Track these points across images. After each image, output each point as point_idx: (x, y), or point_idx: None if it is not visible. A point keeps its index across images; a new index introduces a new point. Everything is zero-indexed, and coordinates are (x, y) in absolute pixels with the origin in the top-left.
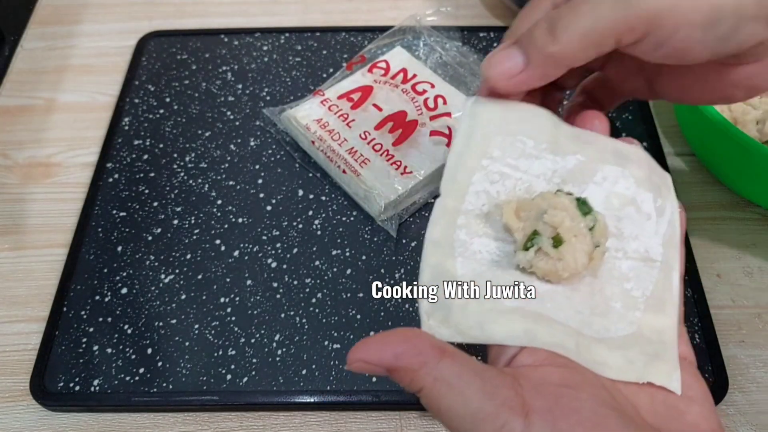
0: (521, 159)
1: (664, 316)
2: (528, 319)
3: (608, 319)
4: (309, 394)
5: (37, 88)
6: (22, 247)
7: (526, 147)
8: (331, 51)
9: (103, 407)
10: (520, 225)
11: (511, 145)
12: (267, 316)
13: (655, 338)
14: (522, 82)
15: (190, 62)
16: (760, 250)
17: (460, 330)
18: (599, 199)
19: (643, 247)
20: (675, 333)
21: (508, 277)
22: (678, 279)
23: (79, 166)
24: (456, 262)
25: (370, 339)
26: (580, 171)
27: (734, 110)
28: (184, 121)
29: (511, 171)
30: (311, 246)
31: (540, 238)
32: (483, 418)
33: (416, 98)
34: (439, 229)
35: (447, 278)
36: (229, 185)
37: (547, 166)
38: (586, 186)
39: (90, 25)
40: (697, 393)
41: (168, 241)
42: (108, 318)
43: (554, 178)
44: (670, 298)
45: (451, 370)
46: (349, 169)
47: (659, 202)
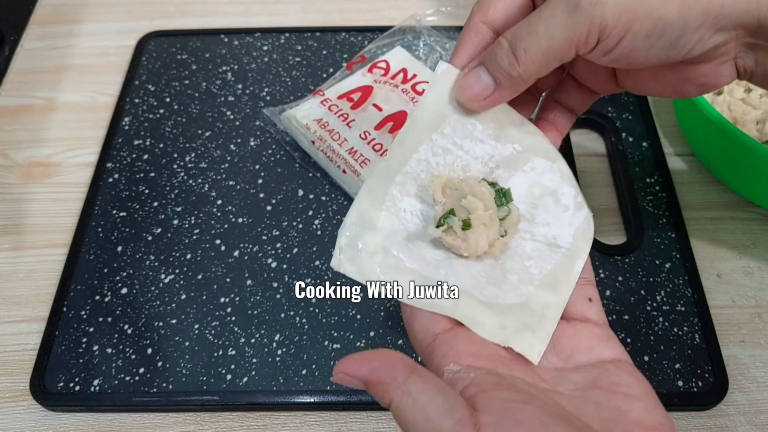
0: (466, 140)
1: (555, 295)
2: (419, 281)
3: (501, 289)
4: (309, 394)
5: (37, 87)
6: (22, 247)
7: (475, 130)
8: (331, 51)
9: (103, 407)
10: (443, 200)
11: (462, 126)
12: (267, 316)
13: (539, 312)
14: (495, 102)
15: (190, 62)
16: (760, 250)
17: (362, 273)
18: (523, 186)
19: (552, 233)
20: (559, 311)
21: (419, 241)
22: (580, 266)
23: (79, 166)
24: (380, 215)
25: (354, 355)
26: (513, 159)
27: (734, 110)
28: (184, 121)
29: (455, 149)
30: (311, 246)
31: (452, 219)
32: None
33: (416, 98)
34: (376, 181)
35: (368, 226)
36: (229, 185)
37: (487, 150)
38: (515, 173)
39: (90, 24)
40: (638, 390)
41: (168, 241)
42: (108, 318)
43: (490, 162)
44: (567, 281)
45: (417, 385)
46: (349, 169)
47: (580, 198)
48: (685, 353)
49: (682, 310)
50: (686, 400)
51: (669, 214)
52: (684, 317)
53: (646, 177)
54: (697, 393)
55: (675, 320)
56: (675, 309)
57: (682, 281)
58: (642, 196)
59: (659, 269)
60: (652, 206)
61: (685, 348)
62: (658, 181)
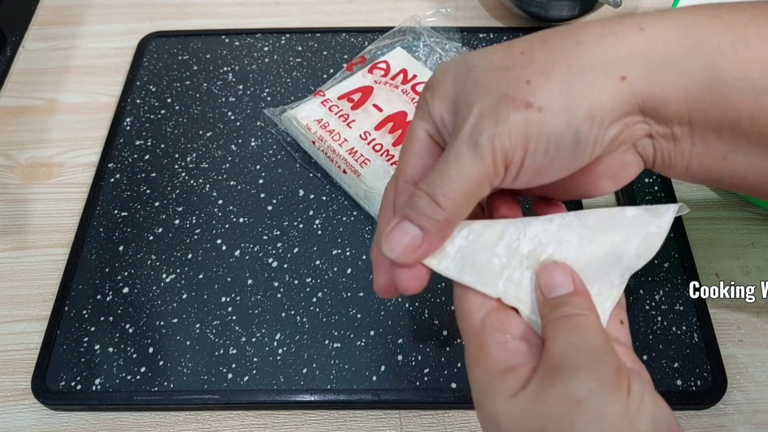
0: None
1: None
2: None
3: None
4: (310, 393)
5: (38, 88)
6: (24, 247)
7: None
8: (331, 52)
9: (104, 406)
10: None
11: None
12: (268, 315)
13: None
14: (426, 251)
15: (191, 63)
16: (759, 250)
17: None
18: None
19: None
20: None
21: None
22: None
23: (80, 167)
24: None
25: None
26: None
27: None
28: (185, 122)
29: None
30: (312, 245)
31: None
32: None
33: (416, 99)
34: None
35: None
36: (230, 185)
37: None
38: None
39: (91, 25)
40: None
41: (169, 241)
42: (110, 317)
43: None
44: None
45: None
46: (350, 169)
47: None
48: (683, 352)
49: (681, 310)
50: (685, 399)
51: None
52: (683, 317)
53: (645, 177)
54: (696, 392)
55: (674, 319)
56: (674, 308)
57: (681, 281)
58: (640, 196)
59: (658, 269)
60: None
61: (683, 347)
62: (656, 182)
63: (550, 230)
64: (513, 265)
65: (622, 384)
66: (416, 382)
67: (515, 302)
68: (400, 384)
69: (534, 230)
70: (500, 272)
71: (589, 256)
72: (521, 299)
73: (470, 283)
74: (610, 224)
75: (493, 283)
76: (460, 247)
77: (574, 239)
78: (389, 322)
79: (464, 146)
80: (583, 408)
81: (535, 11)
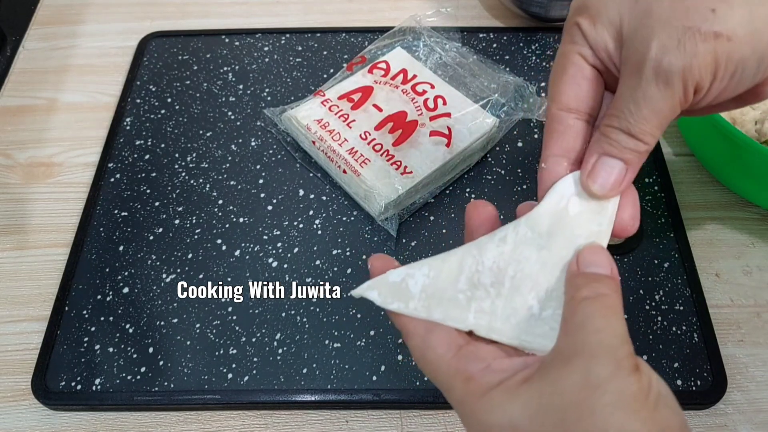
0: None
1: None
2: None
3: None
4: (310, 393)
5: (38, 88)
6: (24, 247)
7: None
8: (331, 51)
9: (104, 406)
10: None
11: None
12: (268, 315)
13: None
14: (628, 182)
15: (191, 62)
16: (759, 250)
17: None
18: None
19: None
20: None
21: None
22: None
23: (80, 166)
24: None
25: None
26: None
27: (732, 111)
28: (185, 121)
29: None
30: (312, 245)
31: None
32: None
33: (416, 99)
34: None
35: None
36: (231, 185)
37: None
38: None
39: (92, 25)
40: None
41: (169, 241)
42: (110, 317)
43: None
44: None
45: None
46: (350, 169)
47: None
48: (683, 352)
49: (681, 310)
50: (685, 399)
51: (668, 214)
52: (683, 316)
53: (645, 177)
54: (696, 392)
55: (674, 319)
56: (674, 308)
57: (681, 281)
58: (641, 196)
59: (658, 269)
60: (650, 206)
61: (683, 347)
62: (656, 181)
63: (506, 252)
64: (479, 296)
65: (637, 367)
66: (416, 382)
67: (489, 333)
68: (401, 384)
69: (490, 256)
70: (467, 306)
71: (551, 264)
72: (495, 328)
73: (440, 320)
74: (561, 225)
75: (463, 318)
76: (424, 285)
77: (533, 254)
78: (389, 322)
79: (652, 84)
80: (602, 391)
81: (535, 11)
